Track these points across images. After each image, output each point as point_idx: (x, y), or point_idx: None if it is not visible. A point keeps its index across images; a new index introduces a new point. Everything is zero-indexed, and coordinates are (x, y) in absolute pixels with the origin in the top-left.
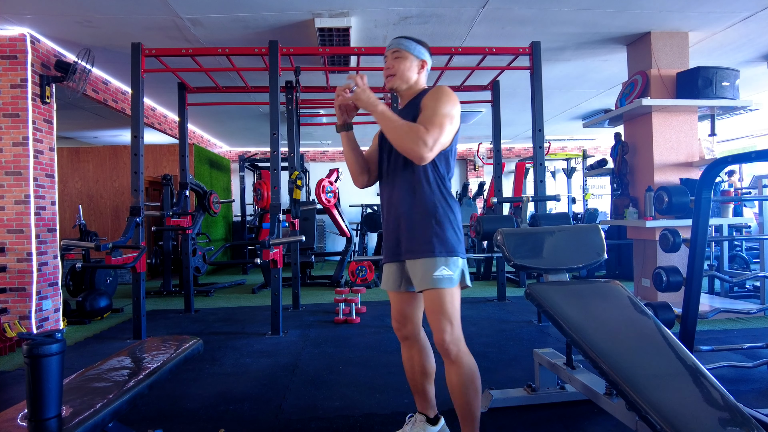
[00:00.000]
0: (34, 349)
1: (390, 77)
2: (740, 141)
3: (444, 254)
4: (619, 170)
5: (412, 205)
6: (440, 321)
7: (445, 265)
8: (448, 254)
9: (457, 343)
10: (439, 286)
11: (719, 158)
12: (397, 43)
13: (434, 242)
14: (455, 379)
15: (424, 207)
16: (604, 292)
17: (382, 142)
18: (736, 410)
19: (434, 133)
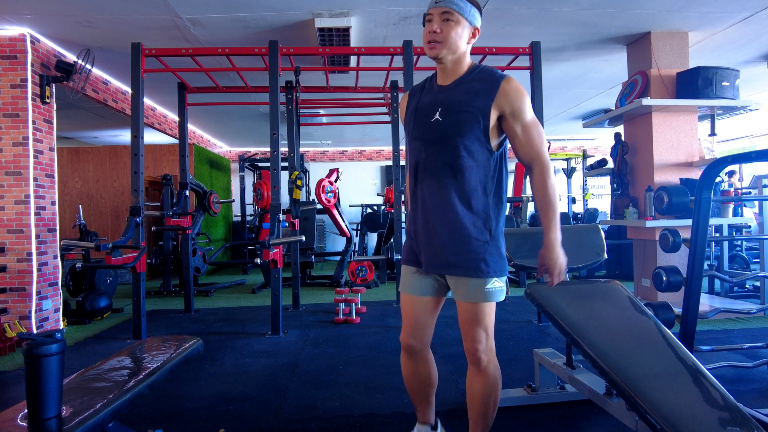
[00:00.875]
0: (34, 349)
1: (434, 44)
2: (740, 141)
3: (496, 274)
4: (619, 170)
5: (463, 214)
6: (478, 331)
7: (498, 278)
8: (500, 274)
9: (489, 354)
10: (489, 300)
11: (719, 158)
12: (448, 1)
13: (488, 261)
14: (479, 387)
15: (477, 218)
16: (604, 292)
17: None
18: (736, 410)
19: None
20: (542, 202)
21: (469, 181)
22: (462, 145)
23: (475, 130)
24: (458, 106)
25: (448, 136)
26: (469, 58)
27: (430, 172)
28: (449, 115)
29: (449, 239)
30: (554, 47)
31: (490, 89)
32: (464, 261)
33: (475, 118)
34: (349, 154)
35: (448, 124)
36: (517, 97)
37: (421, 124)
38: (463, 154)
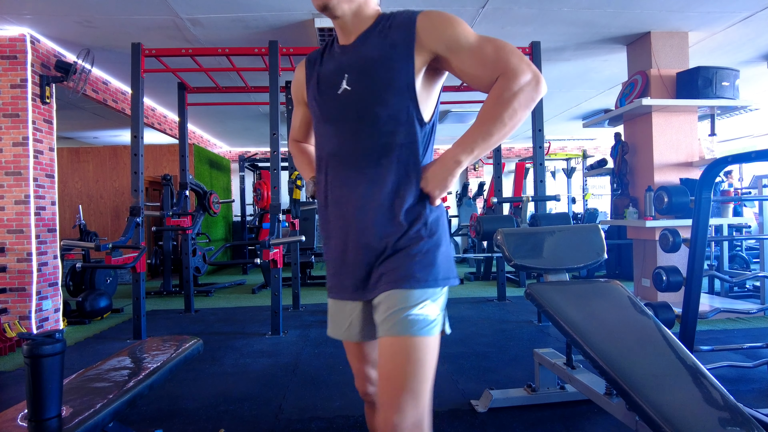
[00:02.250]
0: (34, 349)
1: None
2: (740, 141)
3: (434, 284)
4: (619, 170)
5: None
6: (399, 392)
7: (432, 300)
8: (442, 283)
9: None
10: (416, 333)
11: (719, 158)
12: None
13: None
14: None
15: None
16: (604, 292)
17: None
18: (736, 410)
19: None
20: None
21: (401, 166)
22: (385, 116)
23: (401, 94)
24: (372, 66)
25: (364, 108)
26: (376, 5)
27: (346, 163)
28: (362, 80)
29: (376, 250)
30: (554, 47)
31: (407, 34)
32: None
33: (396, 77)
34: None
35: (364, 92)
36: (444, 25)
37: (326, 99)
38: (387, 129)
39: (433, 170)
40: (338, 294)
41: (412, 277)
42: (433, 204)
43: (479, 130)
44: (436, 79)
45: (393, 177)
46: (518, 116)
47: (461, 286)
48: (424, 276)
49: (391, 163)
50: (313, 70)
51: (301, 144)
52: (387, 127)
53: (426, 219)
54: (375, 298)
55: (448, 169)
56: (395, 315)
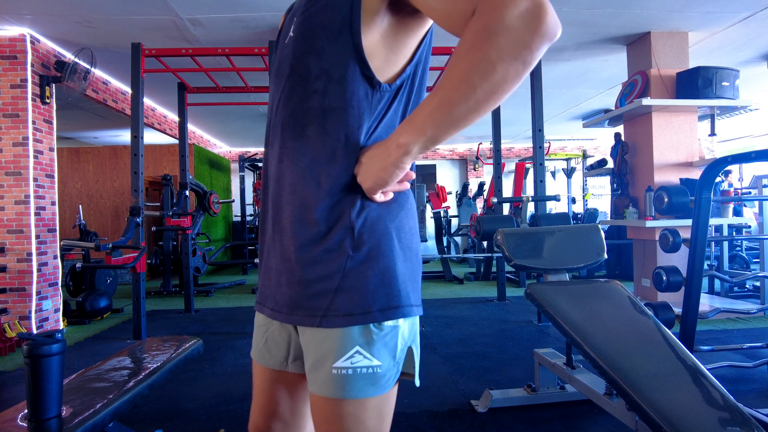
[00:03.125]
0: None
1: None
2: (740, 141)
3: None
4: (619, 170)
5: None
6: None
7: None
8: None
9: None
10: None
11: (719, 158)
12: None
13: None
14: None
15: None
16: (604, 292)
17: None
18: (736, 410)
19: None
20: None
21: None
22: (317, 70)
23: (337, 40)
24: (313, 6)
25: (296, 58)
26: None
27: (273, 133)
28: (301, 23)
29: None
30: (554, 47)
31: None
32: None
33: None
34: None
35: (299, 38)
36: None
37: (278, 52)
38: (316, 87)
39: (370, 155)
40: (259, 302)
41: (331, 310)
42: (373, 200)
43: (436, 99)
44: (413, 29)
45: (313, 155)
46: (499, 73)
47: (461, 286)
48: (347, 310)
49: (315, 135)
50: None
51: None
52: (315, 84)
53: (352, 223)
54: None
55: (389, 154)
56: (319, 365)
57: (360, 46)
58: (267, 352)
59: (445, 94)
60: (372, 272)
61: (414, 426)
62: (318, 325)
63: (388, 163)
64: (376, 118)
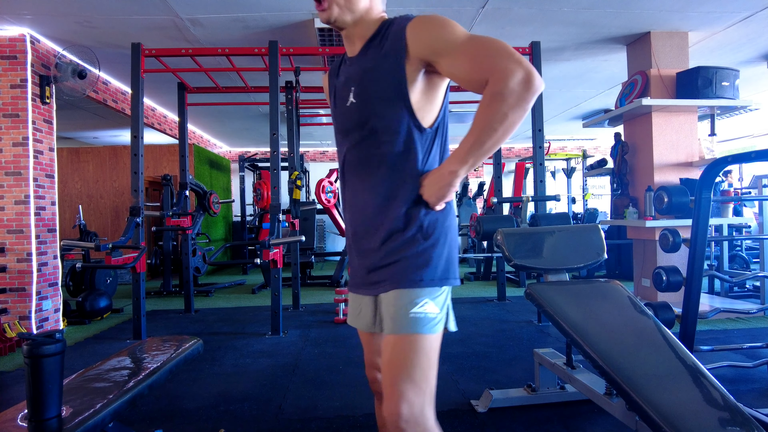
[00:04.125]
0: (34, 349)
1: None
2: (740, 141)
3: (431, 283)
4: (619, 170)
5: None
6: (402, 383)
7: (431, 299)
8: (439, 283)
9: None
10: (415, 331)
11: (719, 158)
12: None
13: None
14: None
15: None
16: (604, 292)
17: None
18: (736, 410)
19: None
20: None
21: (398, 173)
22: (382, 128)
23: (394, 105)
24: (370, 77)
25: (364, 120)
26: (379, 12)
27: (354, 171)
28: (363, 92)
29: (376, 250)
30: (554, 47)
31: (397, 43)
32: (388, 273)
33: (390, 89)
34: None
35: (363, 104)
36: (430, 30)
37: (339, 112)
38: (384, 139)
39: (430, 180)
40: (352, 288)
41: (409, 279)
42: (435, 210)
43: (472, 139)
44: (438, 84)
45: (389, 184)
46: (510, 120)
47: (461, 286)
48: (420, 276)
49: (388, 171)
50: (333, 82)
51: None
52: (383, 137)
53: (421, 222)
54: (380, 295)
55: (443, 178)
56: (397, 314)
57: (410, 106)
58: (366, 322)
59: (477, 136)
60: (434, 254)
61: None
62: (399, 287)
63: (444, 184)
64: (426, 152)
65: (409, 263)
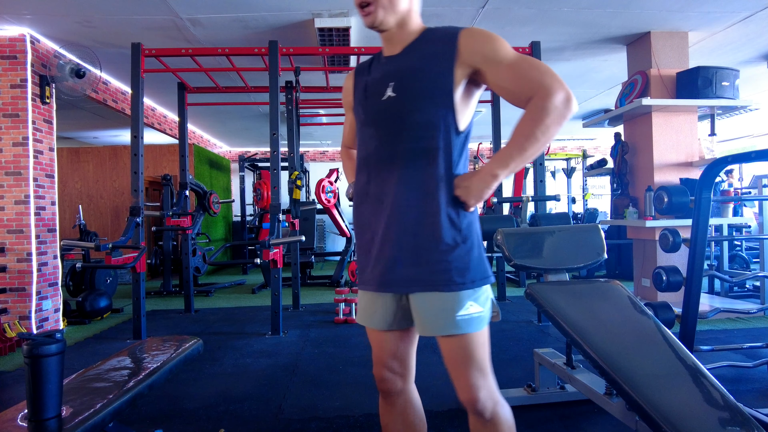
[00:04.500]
0: (34, 349)
1: (368, 8)
2: (740, 141)
3: (472, 285)
4: (619, 170)
5: (427, 212)
6: (471, 374)
7: (474, 300)
8: (479, 283)
9: (494, 396)
10: (468, 331)
11: (719, 158)
12: None
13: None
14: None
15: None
16: (604, 292)
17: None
18: (736, 410)
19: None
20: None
21: (436, 169)
22: (424, 123)
23: (440, 103)
24: (414, 74)
25: (405, 113)
26: (419, 20)
27: (385, 163)
28: (404, 87)
29: (409, 246)
30: (554, 47)
31: (449, 48)
32: (427, 274)
33: (437, 87)
34: None
35: (405, 99)
36: (484, 42)
37: (371, 104)
38: (426, 134)
39: (471, 181)
40: (366, 285)
41: (452, 282)
42: (468, 210)
43: (515, 146)
44: (474, 92)
45: (426, 179)
46: (550, 132)
47: None
48: (461, 280)
49: (425, 166)
50: (362, 78)
51: (351, 150)
52: (424, 132)
53: (459, 225)
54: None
55: (485, 181)
56: (444, 317)
57: (454, 106)
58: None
59: (520, 143)
60: (471, 257)
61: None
62: (441, 290)
63: (484, 187)
64: (459, 154)
65: (452, 267)
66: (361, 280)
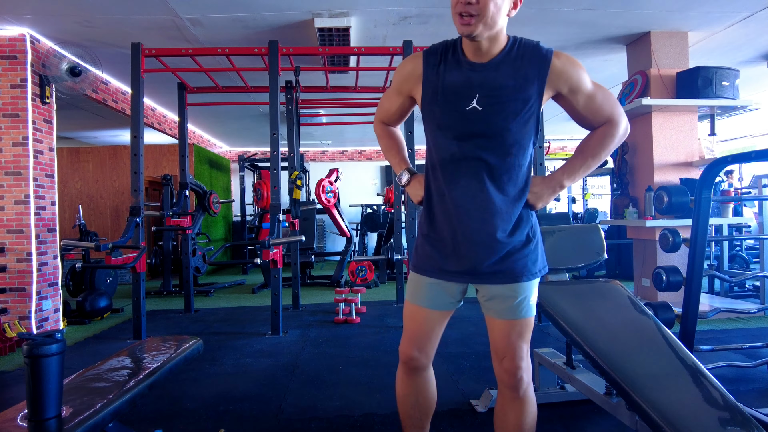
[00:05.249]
0: (34, 349)
1: (469, 19)
2: (740, 141)
3: (539, 273)
4: (619, 170)
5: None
6: (523, 348)
7: (536, 287)
8: (543, 271)
9: (530, 374)
10: (529, 315)
11: (719, 158)
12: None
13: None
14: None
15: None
16: (604, 292)
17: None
18: (736, 410)
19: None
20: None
21: (515, 182)
22: (510, 141)
23: (528, 124)
24: (505, 94)
25: (492, 130)
26: (505, 34)
27: (466, 172)
28: (493, 104)
29: (492, 247)
30: (554, 47)
31: (540, 70)
32: (509, 267)
33: (527, 110)
34: (349, 154)
35: (493, 116)
36: (573, 71)
37: (451, 110)
38: (511, 152)
39: (541, 188)
40: (439, 275)
41: (529, 272)
42: (535, 210)
43: (583, 161)
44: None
45: (511, 190)
46: (609, 152)
47: None
48: (534, 269)
49: (510, 179)
50: (435, 73)
51: (390, 128)
52: (511, 149)
53: (531, 224)
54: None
55: (553, 189)
56: (519, 302)
57: (537, 126)
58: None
59: (587, 160)
60: (539, 251)
61: None
62: (521, 281)
63: (552, 194)
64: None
65: (528, 259)
66: (425, 268)
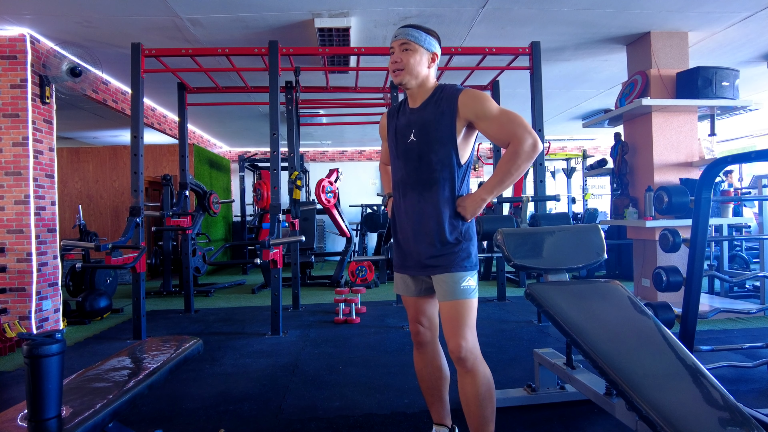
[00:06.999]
0: (34, 349)
1: (398, 72)
2: (740, 141)
3: (469, 268)
4: (619, 170)
5: (439, 222)
6: (460, 328)
7: (471, 277)
8: (473, 267)
9: (474, 351)
10: (465, 297)
11: (719, 158)
12: (405, 33)
13: (463, 257)
14: (471, 389)
15: (451, 225)
16: (604, 292)
17: (397, 142)
18: (736, 410)
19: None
20: (498, 169)
21: (443, 192)
22: (435, 161)
23: (447, 147)
24: (428, 126)
25: (423, 154)
26: (433, 80)
27: (410, 187)
28: (422, 135)
29: (430, 245)
30: (554, 47)
31: (451, 106)
32: (442, 262)
33: (445, 136)
34: (349, 154)
35: (422, 144)
36: (475, 102)
37: (400, 144)
38: (436, 168)
39: (467, 203)
40: (403, 270)
41: (459, 265)
42: (466, 221)
43: (496, 179)
44: (472, 135)
45: (439, 199)
46: (521, 169)
47: None
48: (465, 264)
49: (438, 190)
50: (393, 121)
51: (387, 167)
52: (437, 167)
53: (461, 229)
54: (434, 275)
55: (477, 202)
56: (452, 288)
57: (456, 148)
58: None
59: (501, 178)
60: (471, 250)
61: (414, 426)
62: (452, 271)
63: (477, 206)
64: (461, 181)
65: (459, 256)
66: (401, 267)
